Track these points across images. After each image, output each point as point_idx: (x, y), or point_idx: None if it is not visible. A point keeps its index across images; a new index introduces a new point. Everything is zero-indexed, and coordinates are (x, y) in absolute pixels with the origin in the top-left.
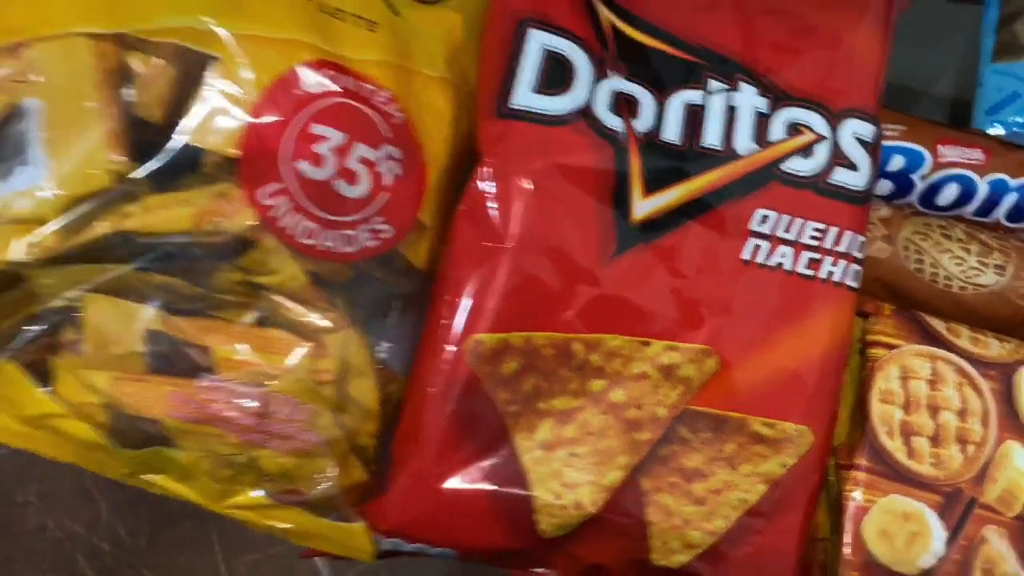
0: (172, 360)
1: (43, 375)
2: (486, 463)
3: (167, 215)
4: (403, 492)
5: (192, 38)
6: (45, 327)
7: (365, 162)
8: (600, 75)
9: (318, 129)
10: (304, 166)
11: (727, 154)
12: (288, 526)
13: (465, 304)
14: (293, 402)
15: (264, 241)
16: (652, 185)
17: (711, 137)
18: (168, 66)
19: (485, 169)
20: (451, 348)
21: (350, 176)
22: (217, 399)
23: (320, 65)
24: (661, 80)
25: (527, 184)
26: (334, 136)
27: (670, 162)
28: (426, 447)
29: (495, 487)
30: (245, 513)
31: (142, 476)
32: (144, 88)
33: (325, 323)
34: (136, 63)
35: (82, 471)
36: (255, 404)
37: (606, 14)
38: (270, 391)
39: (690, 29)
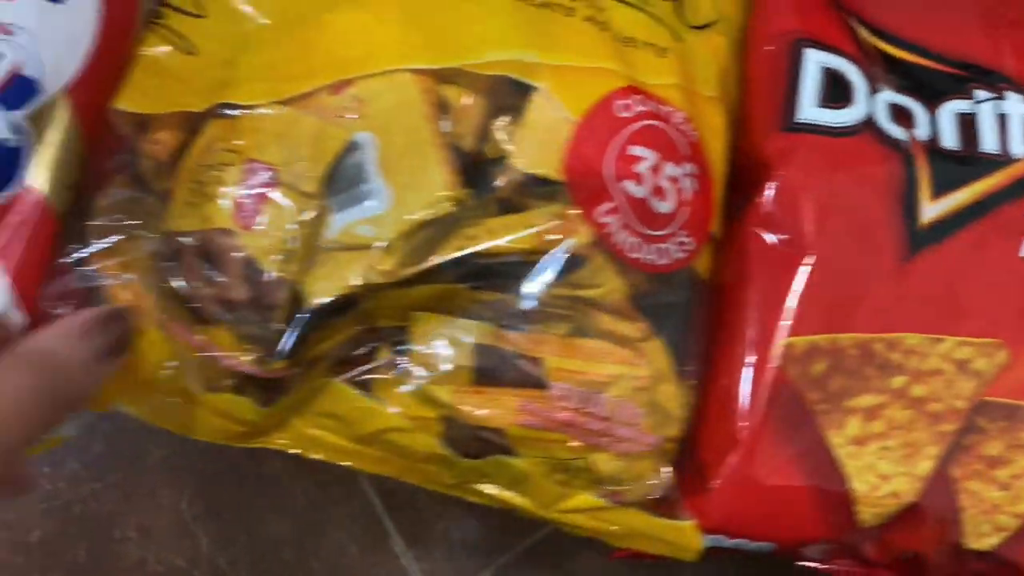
0: (501, 372)
1: (368, 392)
2: (803, 459)
3: (511, 236)
4: (726, 490)
5: (518, 70)
6: (373, 346)
7: (671, 179)
8: (873, 89)
9: (635, 150)
10: (629, 185)
11: (1005, 158)
12: (616, 528)
13: (772, 311)
14: (631, 406)
15: (595, 257)
16: (939, 189)
17: (988, 142)
18: (480, 98)
19: (776, 181)
20: (763, 353)
21: (661, 193)
22: (565, 406)
23: (629, 92)
24: (929, 92)
25: (820, 193)
26: (649, 156)
27: (954, 167)
28: (746, 447)
29: (814, 482)
30: (575, 516)
31: (471, 485)
32: (460, 119)
33: (636, 333)
34: (451, 96)
35: (178, 505)
36: (602, 409)
37: (864, 34)
38: (612, 396)
39: (946, 45)
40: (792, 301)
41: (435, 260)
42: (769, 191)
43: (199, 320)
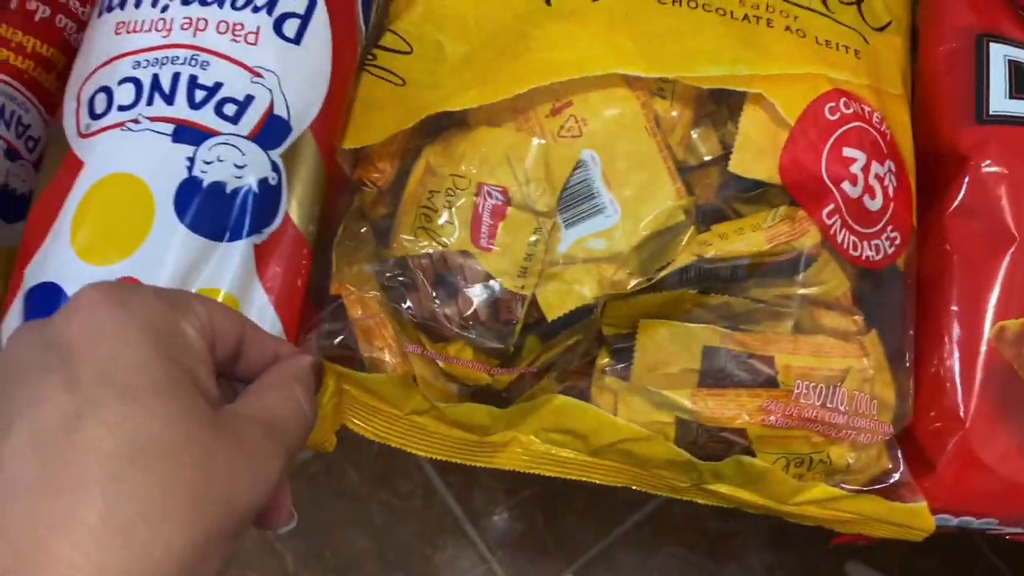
0: (731, 372)
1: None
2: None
3: (744, 240)
4: (952, 471)
5: (733, 82)
6: (588, 356)
7: (878, 178)
8: None
9: (848, 152)
10: (846, 186)
11: None
12: (849, 515)
13: (983, 296)
14: (867, 398)
15: (822, 256)
16: None
17: None
18: (688, 109)
19: (974, 172)
20: (976, 336)
21: (871, 192)
22: (809, 403)
23: (836, 95)
24: None
25: (1020, 179)
26: (859, 156)
27: None
28: (969, 429)
29: None
30: (809, 508)
31: (706, 487)
32: (670, 131)
33: (854, 327)
34: (660, 108)
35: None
36: (842, 403)
37: None
38: (849, 390)
39: None
40: (999, 285)
41: (672, 268)
42: (966, 182)
43: (437, 339)
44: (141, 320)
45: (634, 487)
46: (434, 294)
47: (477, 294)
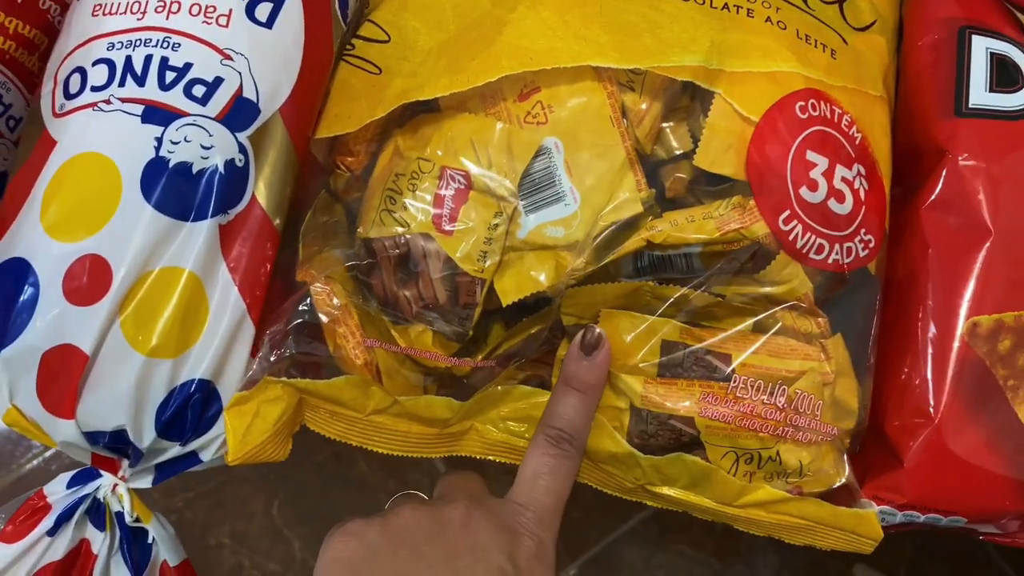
0: (688, 367)
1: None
2: (995, 434)
3: (693, 227)
4: (921, 466)
5: (702, 76)
6: (550, 346)
7: (846, 181)
8: None
9: (811, 156)
10: (804, 191)
11: None
12: (796, 520)
13: (958, 291)
14: (812, 399)
15: (781, 254)
16: None
17: None
18: (657, 101)
19: (952, 165)
20: (949, 331)
21: (839, 195)
22: (749, 397)
23: (809, 94)
24: None
25: (996, 175)
26: (821, 161)
27: None
28: (940, 424)
29: (1008, 456)
30: (755, 511)
31: (651, 488)
32: (638, 123)
33: (818, 329)
34: (629, 101)
35: (270, 511)
36: (784, 400)
37: (1023, 17)
38: (794, 389)
39: None
40: (974, 280)
41: (619, 251)
42: (944, 176)
43: (398, 322)
44: None
45: (585, 481)
46: (396, 276)
47: (437, 277)
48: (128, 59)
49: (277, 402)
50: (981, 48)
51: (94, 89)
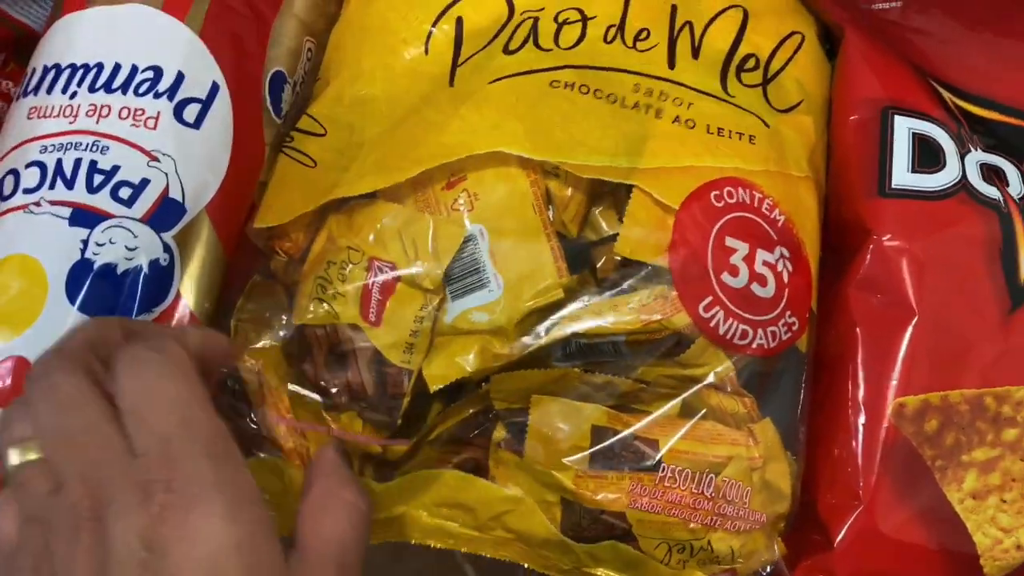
0: (617, 454)
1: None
2: (925, 515)
3: (615, 317)
4: (851, 546)
5: (612, 174)
6: (484, 429)
7: (768, 265)
8: (963, 151)
9: (731, 242)
10: (726, 276)
11: None
12: None
13: (885, 372)
14: (740, 486)
15: (700, 337)
16: None
17: None
18: (580, 190)
19: (877, 245)
20: (877, 413)
21: (761, 279)
22: (678, 488)
23: (722, 183)
24: (1016, 149)
25: (920, 255)
26: (741, 247)
27: None
28: (869, 504)
29: (938, 537)
30: None
31: (586, 570)
32: (562, 209)
33: (744, 409)
34: (554, 187)
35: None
36: (712, 490)
37: (947, 95)
38: (722, 478)
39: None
40: (900, 361)
41: (542, 341)
42: (869, 255)
43: (329, 408)
44: None
45: (524, 564)
46: (327, 363)
47: (365, 368)
48: (59, 162)
49: None
50: (904, 128)
51: (26, 191)
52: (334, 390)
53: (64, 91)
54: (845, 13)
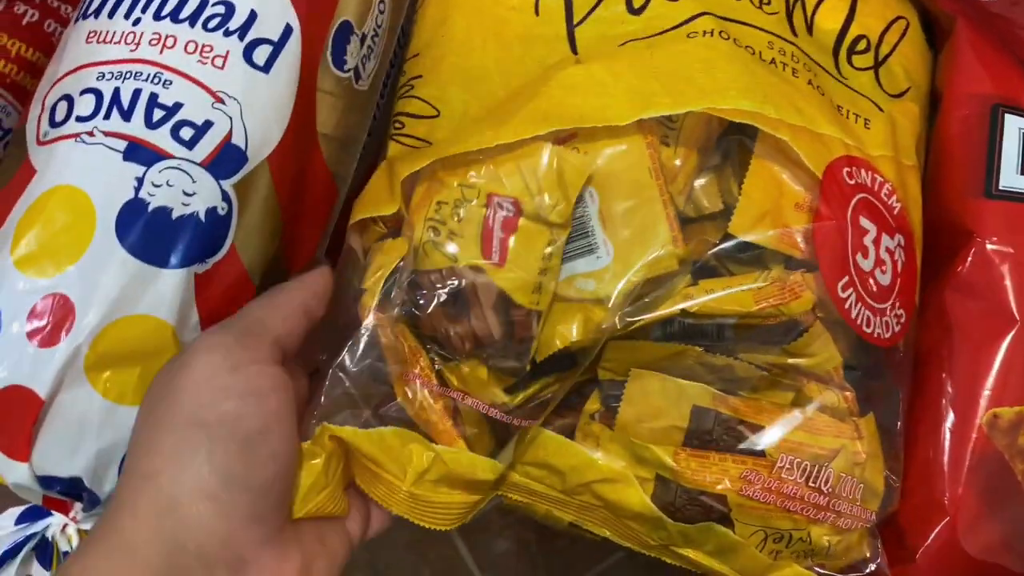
0: (718, 437)
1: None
2: (1010, 530)
3: (730, 299)
4: (934, 560)
5: (762, 121)
6: (584, 397)
7: (888, 252)
8: None
9: (864, 222)
10: (859, 258)
11: None
12: None
13: (979, 380)
14: (853, 481)
15: (815, 326)
16: None
17: None
18: (690, 159)
19: (979, 248)
20: (968, 422)
21: (882, 265)
22: (794, 479)
23: (851, 161)
24: None
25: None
26: (871, 228)
27: None
28: (954, 517)
29: (1020, 553)
30: None
31: (675, 549)
32: (672, 180)
33: (846, 406)
34: (664, 157)
35: None
36: (828, 485)
37: None
38: (837, 471)
39: None
40: (996, 370)
41: (653, 316)
42: (970, 258)
43: (448, 360)
44: None
45: (607, 533)
46: (446, 312)
47: (490, 312)
48: (116, 91)
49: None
50: (1015, 128)
51: (79, 119)
52: (456, 340)
53: (127, 16)
54: (956, 3)
